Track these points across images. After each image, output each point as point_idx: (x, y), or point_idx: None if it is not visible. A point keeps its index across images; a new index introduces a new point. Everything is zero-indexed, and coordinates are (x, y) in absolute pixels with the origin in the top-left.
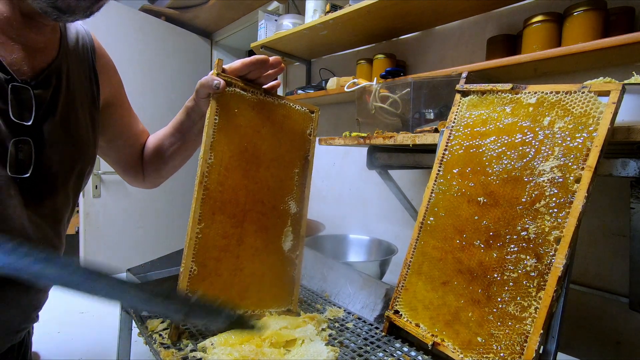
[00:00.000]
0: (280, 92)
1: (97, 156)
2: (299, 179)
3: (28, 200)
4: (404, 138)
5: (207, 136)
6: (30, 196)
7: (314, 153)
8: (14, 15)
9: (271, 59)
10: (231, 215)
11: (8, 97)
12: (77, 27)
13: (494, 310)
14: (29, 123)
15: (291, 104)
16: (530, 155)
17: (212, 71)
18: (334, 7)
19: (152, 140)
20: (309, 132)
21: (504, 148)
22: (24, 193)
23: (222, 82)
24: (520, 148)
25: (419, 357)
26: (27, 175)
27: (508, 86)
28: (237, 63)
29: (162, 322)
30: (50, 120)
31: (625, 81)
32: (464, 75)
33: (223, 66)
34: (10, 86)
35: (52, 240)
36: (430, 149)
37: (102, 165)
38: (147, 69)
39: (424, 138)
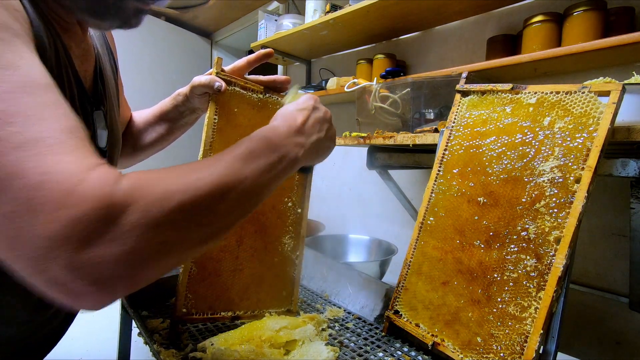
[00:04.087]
0: None
1: None
2: (300, 179)
3: None
4: (404, 138)
5: (206, 136)
6: None
7: None
8: (74, 25)
9: (282, 78)
10: None
11: (95, 127)
12: None
13: (494, 310)
14: (105, 147)
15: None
16: (530, 156)
17: (210, 70)
18: (334, 7)
19: (131, 127)
20: None
21: (504, 148)
22: None
23: (223, 84)
24: (520, 148)
25: (419, 357)
26: None
27: (508, 86)
28: (238, 66)
29: (162, 322)
30: (109, 134)
31: (625, 81)
32: (464, 75)
33: (222, 66)
34: (95, 113)
35: None
36: (430, 149)
37: None
38: (147, 69)
39: (424, 138)
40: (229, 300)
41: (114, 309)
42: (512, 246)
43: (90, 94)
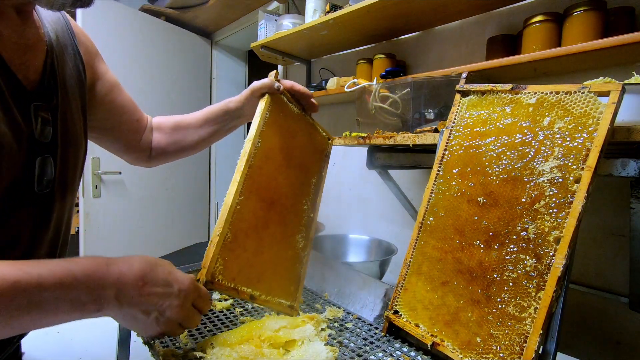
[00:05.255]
0: None
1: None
2: (315, 188)
3: (40, 212)
4: (404, 138)
5: (257, 126)
6: (45, 209)
7: (326, 172)
8: (9, 10)
9: (312, 103)
10: (263, 199)
11: (32, 119)
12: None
13: (494, 310)
14: (49, 141)
15: (317, 126)
16: (530, 156)
17: (270, 77)
18: (334, 7)
19: (169, 126)
20: (326, 153)
21: (503, 148)
22: (40, 207)
23: (282, 85)
24: (520, 148)
25: (419, 357)
26: (47, 191)
27: (508, 86)
28: (288, 83)
29: None
30: (61, 131)
31: (625, 81)
32: (464, 75)
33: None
34: (32, 106)
35: (57, 243)
36: (430, 149)
37: (102, 165)
38: (147, 69)
39: (424, 138)
40: (249, 277)
41: None
42: (512, 246)
43: (34, 87)
